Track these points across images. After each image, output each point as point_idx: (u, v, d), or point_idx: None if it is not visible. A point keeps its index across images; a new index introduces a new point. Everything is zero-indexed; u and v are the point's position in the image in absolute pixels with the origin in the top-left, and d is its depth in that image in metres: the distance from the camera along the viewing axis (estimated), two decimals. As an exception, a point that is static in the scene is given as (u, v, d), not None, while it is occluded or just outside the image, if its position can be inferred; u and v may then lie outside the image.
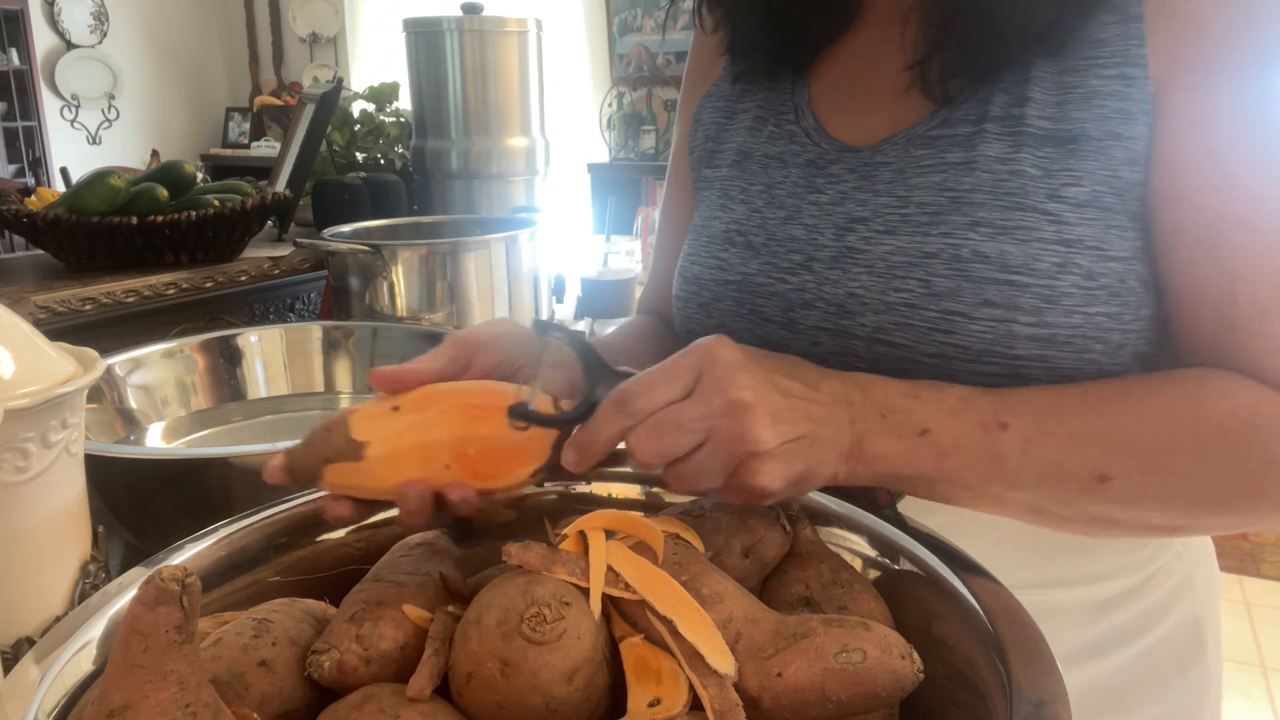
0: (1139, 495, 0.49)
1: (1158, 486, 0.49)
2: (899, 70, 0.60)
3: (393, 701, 0.36)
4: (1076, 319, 0.53)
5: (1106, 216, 0.53)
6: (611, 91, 4.68)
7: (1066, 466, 0.49)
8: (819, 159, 0.63)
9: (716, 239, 0.67)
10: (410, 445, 0.44)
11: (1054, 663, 0.36)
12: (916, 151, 0.59)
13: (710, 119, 0.73)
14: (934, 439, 0.48)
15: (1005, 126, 0.55)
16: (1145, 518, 0.50)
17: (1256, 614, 2.49)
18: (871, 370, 0.58)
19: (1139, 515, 0.50)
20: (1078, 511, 0.50)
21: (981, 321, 0.54)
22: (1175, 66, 0.52)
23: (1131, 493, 0.49)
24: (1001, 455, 0.48)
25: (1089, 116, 0.53)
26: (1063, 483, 0.49)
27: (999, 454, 0.48)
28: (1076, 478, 0.49)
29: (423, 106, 1.73)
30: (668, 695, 0.37)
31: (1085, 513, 0.50)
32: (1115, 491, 0.49)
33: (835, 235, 0.60)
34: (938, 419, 0.49)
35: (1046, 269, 0.53)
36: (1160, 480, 0.49)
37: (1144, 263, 0.54)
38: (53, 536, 0.53)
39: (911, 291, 0.56)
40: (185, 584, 0.33)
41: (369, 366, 1.07)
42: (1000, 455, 0.48)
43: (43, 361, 0.53)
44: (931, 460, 0.48)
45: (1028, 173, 0.54)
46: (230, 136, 5.77)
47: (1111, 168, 0.53)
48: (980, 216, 0.55)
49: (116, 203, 1.30)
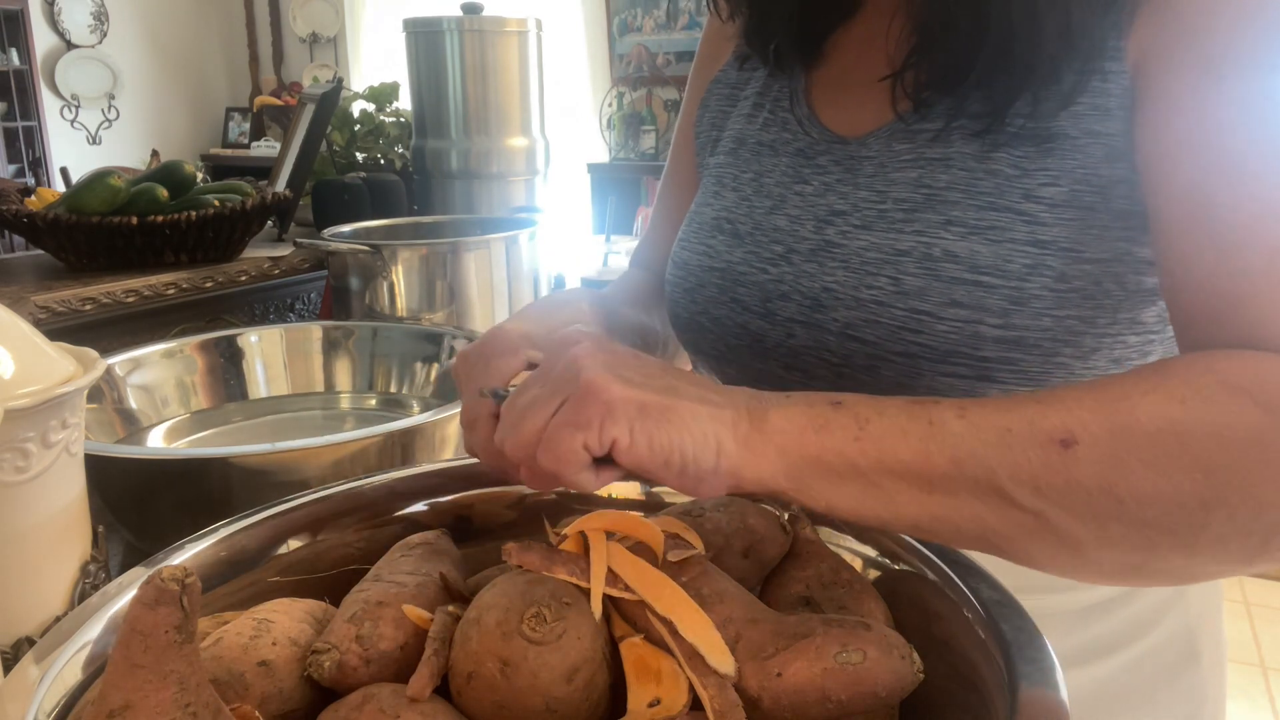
0: (1117, 461, 0.39)
1: (1137, 449, 0.39)
2: (886, 64, 0.60)
3: (393, 701, 0.36)
4: (1046, 321, 0.52)
5: (1086, 216, 0.52)
6: (611, 91, 4.67)
7: (1015, 428, 0.39)
8: (808, 149, 0.63)
9: (706, 226, 0.67)
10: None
11: (1054, 663, 0.36)
12: (897, 146, 0.58)
13: (716, 105, 0.74)
14: (849, 407, 0.41)
15: (983, 123, 0.55)
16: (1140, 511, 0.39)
17: (1256, 614, 2.49)
18: (842, 366, 0.58)
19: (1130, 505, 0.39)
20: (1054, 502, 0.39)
21: (948, 322, 0.53)
22: (1159, 50, 0.50)
23: (1108, 461, 0.39)
24: (933, 419, 0.40)
25: (1065, 114, 0.52)
26: (1018, 448, 0.39)
27: (930, 418, 0.40)
28: (1034, 441, 0.39)
29: (423, 106, 1.73)
30: (668, 695, 0.37)
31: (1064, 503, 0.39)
32: (1087, 461, 0.39)
33: (815, 228, 0.60)
34: (852, 396, 0.42)
35: (1016, 270, 0.52)
36: (1139, 443, 0.39)
37: (1128, 264, 0.53)
38: (53, 536, 0.53)
39: (882, 289, 0.56)
40: (185, 584, 0.33)
41: (369, 366, 1.07)
42: (932, 419, 0.40)
43: (43, 361, 0.53)
44: (851, 429, 0.40)
45: (1003, 171, 0.53)
46: (230, 136, 5.76)
47: (1090, 165, 0.52)
48: (953, 215, 0.54)
49: (116, 203, 1.30)
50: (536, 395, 0.42)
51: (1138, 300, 0.55)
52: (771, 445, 0.40)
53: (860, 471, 0.40)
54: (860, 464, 0.40)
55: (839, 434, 0.40)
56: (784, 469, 0.40)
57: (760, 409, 0.41)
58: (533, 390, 0.42)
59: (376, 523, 0.53)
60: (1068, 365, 0.53)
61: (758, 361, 0.63)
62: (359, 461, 0.71)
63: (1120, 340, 0.55)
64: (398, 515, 0.53)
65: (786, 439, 0.40)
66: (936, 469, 0.40)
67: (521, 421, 0.41)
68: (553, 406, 0.41)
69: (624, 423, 0.39)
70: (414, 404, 1.02)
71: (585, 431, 0.39)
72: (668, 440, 0.39)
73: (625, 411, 0.39)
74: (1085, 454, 0.39)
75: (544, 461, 0.40)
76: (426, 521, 0.53)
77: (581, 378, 0.40)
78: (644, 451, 0.39)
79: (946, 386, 0.55)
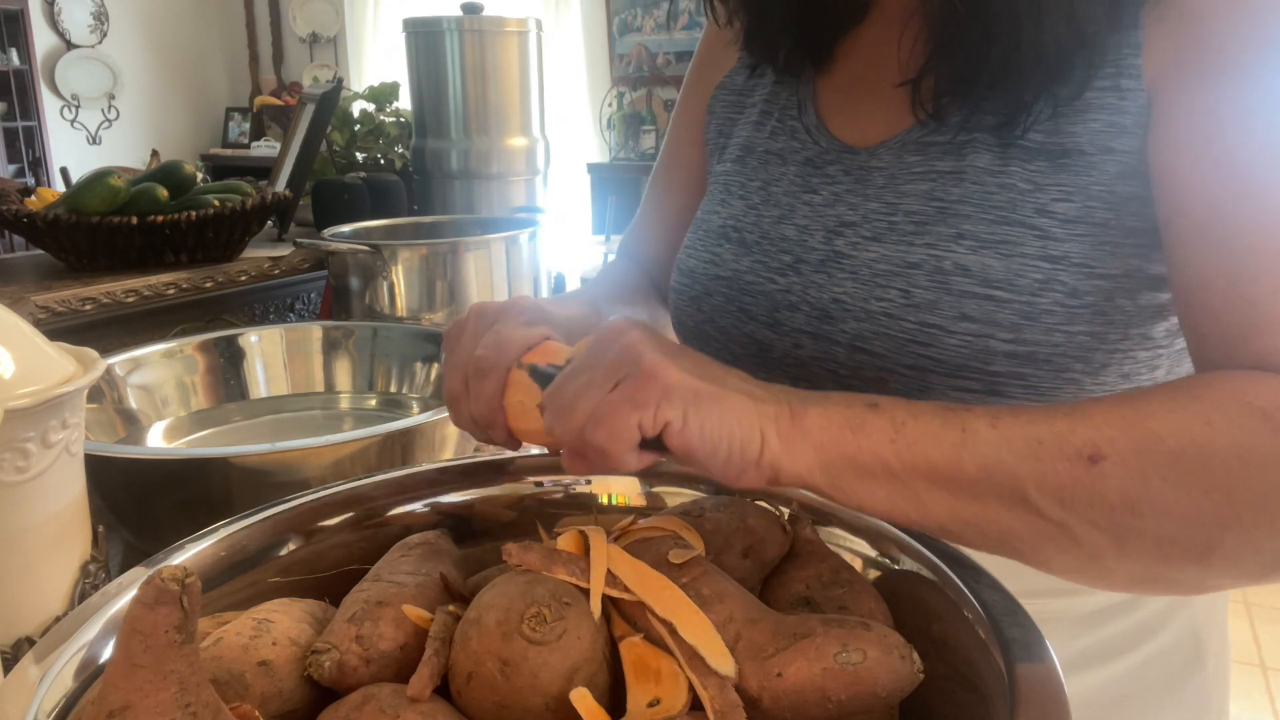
0: (1141, 478, 0.40)
1: (1161, 467, 0.40)
2: (899, 73, 0.60)
3: (393, 701, 0.36)
4: (1057, 337, 0.52)
5: (1098, 232, 0.52)
6: (611, 91, 4.68)
7: (1046, 440, 0.40)
8: (817, 158, 0.63)
9: (713, 233, 0.67)
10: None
11: (1054, 663, 0.36)
12: (909, 157, 0.58)
13: (723, 112, 0.73)
14: (885, 411, 0.42)
15: (997, 137, 0.54)
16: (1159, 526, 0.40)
17: (1256, 614, 2.49)
18: (850, 378, 0.58)
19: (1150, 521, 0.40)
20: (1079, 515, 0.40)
21: (959, 336, 0.53)
22: (1175, 66, 0.50)
23: (1133, 478, 0.40)
24: (966, 426, 0.41)
25: (1082, 130, 0.52)
26: (1047, 461, 0.40)
27: (964, 425, 0.41)
28: (1062, 455, 0.40)
29: (423, 106, 1.73)
30: (668, 695, 0.37)
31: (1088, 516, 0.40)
32: (1113, 477, 0.40)
33: (824, 238, 0.60)
34: (890, 400, 0.43)
35: (1028, 285, 0.52)
36: (1163, 461, 0.40)
37: (1139, 281, 0.53)
38: (53, 536, 0.53)
39: (892, 301, 0.55)
40: (185, 584, 0.33)
41: (369, 366, 1.07)
42: (965, 427, 0.41)
43: (43, 361, 0.53)
44: (887, 431, 0.41)
45: (1017, 186, 0.53)
46: (230, 136, 5.76)
47: (1105, 182, 0.52)
48: (965, 229, 0.54)
49: (116, 203, 1.30)
50: (590, 378, 0.41)
51: (1148, 316, 0.54)
52: (809, 442, 0.41)
53: (893, 472, 0.41)
54: (893, 465, 0.41)
55: (875, 435, 0.41)
56: (820, 465, 0.41)
57: (801, 406, 0.42)
58: (584, 374, 0.42)
59: (376, 523, 0.53)
60: (1078, 381, 0.53)
61: (764, 372, 0.62)
62: (359, 461, 0.71)
63: (1130, 356, 0.54)
64: (398, 515, 0.53)
65: (824, 436, 0.41)
66: (966, 475, 0.41)
67: (577, 401, 0.41)
68: (608, 386, 0.41)
69: (679, 406, 0.40)
70: (414, 404, 1.02)
71: (641, 410, 0.40)
72: (717, 428, 0.40)
73: (681, 395, 0.40)
74: (1111, 470, 0.40)
75: (595, 437, 0.40)
76: (426, 521, 0.53)
77: (644, 360, 0.40)
78: (695, 436, 0.40)
79: (955, 401, 0.54)
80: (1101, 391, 0.54)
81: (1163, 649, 0.63)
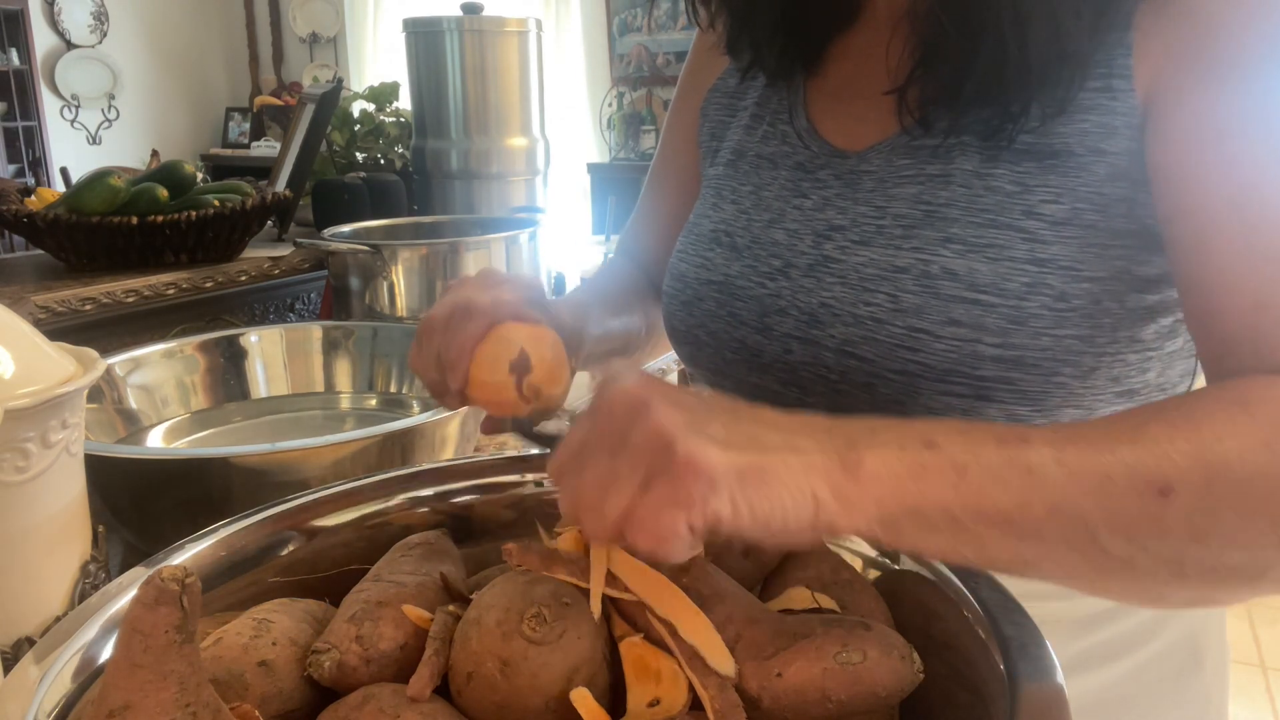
0: (1212, 511, 0.39)
1: (1230, 498, 0.39)
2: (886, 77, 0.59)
3: (393, 701, 0.36)
4: (1045, 341, 0.52)
5: (1086, 235, 0.52)
6: (611, 91, 4.68)
7: (1115, 476, 0.38)
8: (808, 162, 0.63)
9: (704, 238, 0.67)
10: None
11: (1054, 663, 0.36)
12: (898, 161, 0.58)
13: (716, 115, 0.73)
14: (945, 452, 0.38)
15: (984, 139, 0.54)
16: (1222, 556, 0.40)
17: (1256, 614, 2.49)
18: (839, 383, 0.58)
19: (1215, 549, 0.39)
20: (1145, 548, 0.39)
21: (946, 340, 0.53)
22: (1175, 66, 0.49)
23: (1203, 510, 0.38)
24: (1032, 466, 0.38)
25: (1071, 131, 0.52)
26: (1118, 498, 0.38)
27: (1029, 465, 0.38)
28: (1133, 489, 0.38)
29: (423, 106, 1.73)
30: (667, 695, 0.37)
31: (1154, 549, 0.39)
32: (1182, 509, 0.38)
33: (814, 243, 0.60)
34: (942, 433, 0.39)
35: (1015, 289, 0.52)
36: (1232, 491, 0.39)
37: (1127, 283, 0.53)
38: (53, 536, 0.53)
39: (879, 306, 0.55)
40: (185, 584, 0.33)
41: (369, 366, 1.07)
42: (1030, 467, 0.38)
43: (43, 361, 0.53)
44: (949, 476, 0.38)
45: (1004, 188, 0.53)
46: (230, 136, 5.76)
47: (1094, 184, 0.51)
48: (953, 232, 0.54)
49: (116, 203, 1.30)
50: (613, 468, 0.37)
51: (1137, 318, 0.54)
52: (869, 496, 0.38)
53: (957, 521, 0.38)
54: (958, 514, 0.38)
55: (937, 482, 0.38)
56: (879, 519, 0.38)
57: (854, 454, 0.38)
58: (601, 457, 0.38)
59: (376, 523, 0.53)
60: (1067, 385, 0.53)
61: (754, 376, 0.62)
62: (359, 461, 0.71)
63: (1120, 359, 0.54)
64: (398, 515, 0.53)
65: (884, 489, 0.38)
66: (1033, 518, 0.38)
67: (604, 499, 0.37)
68: (637, 480, 0.37)
69: (726, 495, 0.36)
70: (414, 404, 1.02)
71: (688, 510, 0.36)
72: (769, 506, 0.37)
73: (727, 483, 0.36)
74: (1182, 503, 0.38)
75: (639, 540, 0.37)
76: (426, 521, 0.53)
77: (677, 450, 0.36)
78: (746, 520, 0.37)
79: (944, 406, 0.54)
80: (1091, 396, 0.54)
81: (1161, 651, 0.63)
